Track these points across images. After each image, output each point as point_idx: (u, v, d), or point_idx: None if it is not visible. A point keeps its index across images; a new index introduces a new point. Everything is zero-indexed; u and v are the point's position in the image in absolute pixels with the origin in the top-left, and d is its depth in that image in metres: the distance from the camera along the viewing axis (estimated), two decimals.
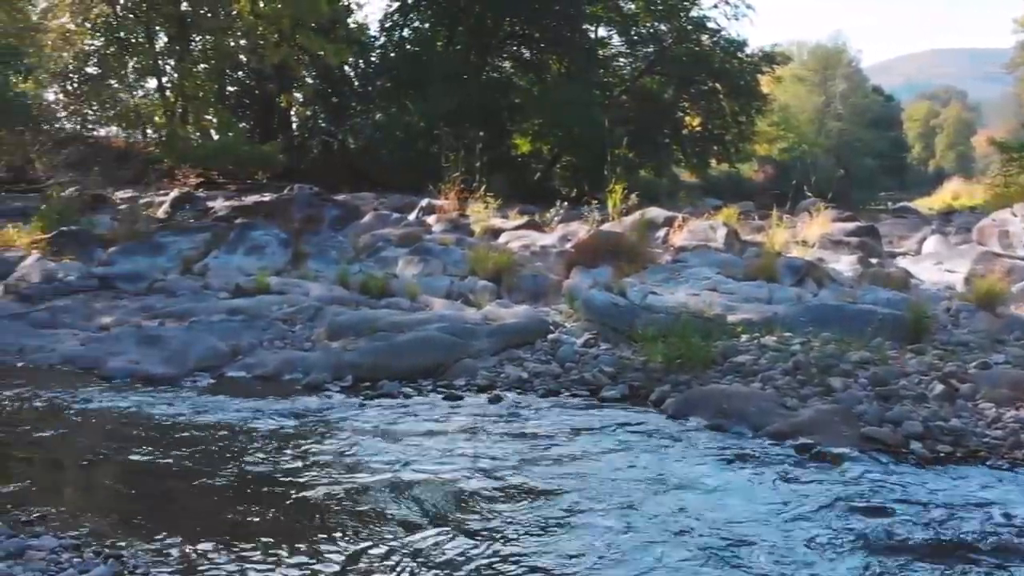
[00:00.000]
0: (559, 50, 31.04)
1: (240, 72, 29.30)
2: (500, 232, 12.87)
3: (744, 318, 8.14)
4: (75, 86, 25.61)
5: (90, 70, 26.09)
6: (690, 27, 32.26)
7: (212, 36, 26.21)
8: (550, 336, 8.05)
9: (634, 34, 33.20)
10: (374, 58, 30.64)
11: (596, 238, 11.21)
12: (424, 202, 14.98)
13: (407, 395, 6.69)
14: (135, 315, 8.90)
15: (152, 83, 27.03)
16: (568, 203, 15.06)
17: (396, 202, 16.80)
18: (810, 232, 12.50)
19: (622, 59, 34.46)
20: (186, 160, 22.21)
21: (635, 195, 12.96)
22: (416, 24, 31.57)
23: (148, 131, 26.79)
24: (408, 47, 30.31)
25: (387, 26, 30.78)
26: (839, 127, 57.13)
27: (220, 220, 13.19)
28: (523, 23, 31.20)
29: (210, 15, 25.53)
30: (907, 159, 69.19)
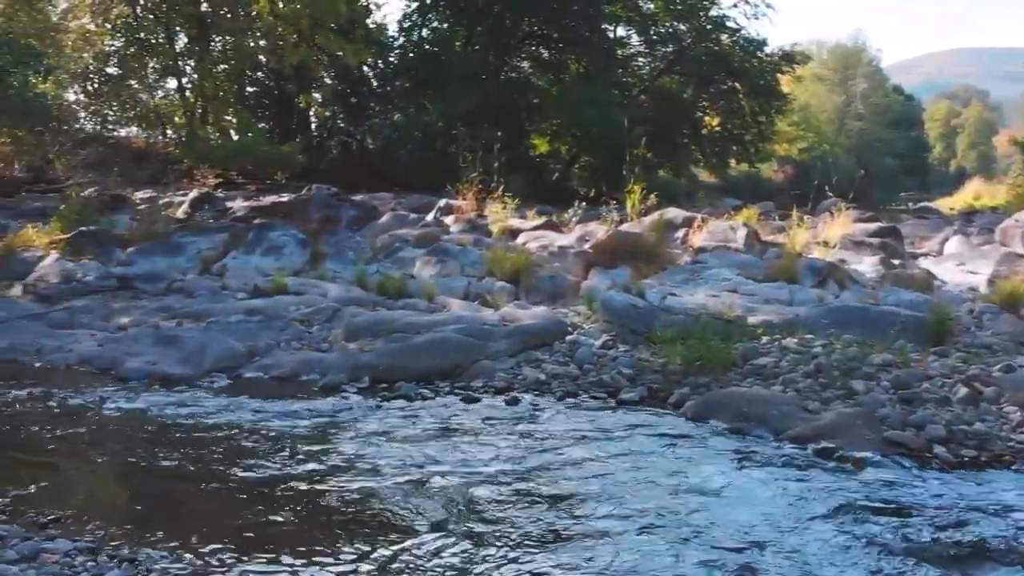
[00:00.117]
0: (578, 50, 30.96)
1: (259, 72, 29.32)
2: (518, 232, 12.80)
3: (764, 320, 8.05)
4: (95, 87, 25.68)
5: (110, 71, 26.16)
6: (709, 26, 32.06)
7: (232, 37, 26.24)
8: (568, 338, 8.00)
9: (653, 34, 33.03)
10: (393, 58, 30.62)
11: (614, 239, 11.13)
12: (442, 202, 14.93)
13: (424, 397, 6.66)
14: (153, 315, 8.91)
15: (172, 83, 27.10)
16: (586, 203, 15.03)
17: (414, 202, 16.75)
18: (831, 233, 12.35)
19: (641, 59, 34.32)
20: (205, 160, 22.25)
21: (654, 195, 12.83)
22: (435, 24, 31.55)
23: (168, 131, 26.84)
24: (427, 47, 30.27)
25: (406, 26, 30.81)
26: (859, 127, 56.71)
27: (238, 220, 13.19)
28: (542, 23, 31.12)
29: (229, 16, 25.59)
30: (928, 159, 68.59)
